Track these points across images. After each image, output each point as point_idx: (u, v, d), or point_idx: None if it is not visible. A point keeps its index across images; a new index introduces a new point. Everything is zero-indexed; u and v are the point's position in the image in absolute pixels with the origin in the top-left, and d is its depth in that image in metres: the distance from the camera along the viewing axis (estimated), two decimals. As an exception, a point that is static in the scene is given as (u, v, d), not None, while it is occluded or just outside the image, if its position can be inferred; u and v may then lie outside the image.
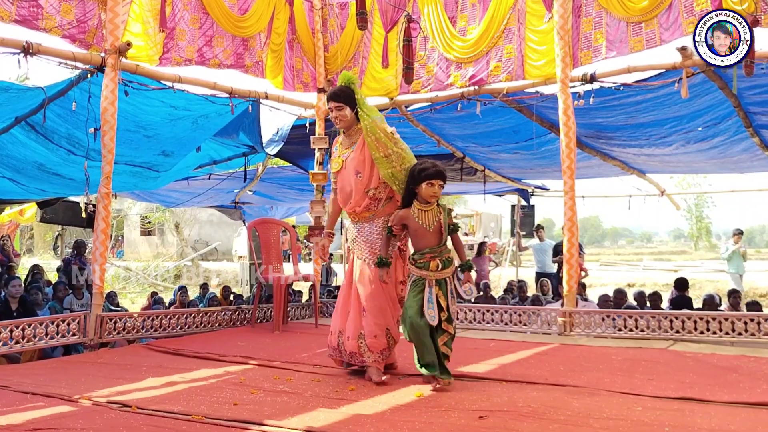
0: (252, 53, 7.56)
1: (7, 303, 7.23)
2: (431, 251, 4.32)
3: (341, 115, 4.63)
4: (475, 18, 7.45)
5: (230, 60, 7.35)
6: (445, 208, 4.43)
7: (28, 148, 7.75)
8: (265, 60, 7.73)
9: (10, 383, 4.29)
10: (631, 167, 10.55)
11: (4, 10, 5.43)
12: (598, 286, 16.03)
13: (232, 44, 7.33)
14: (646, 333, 6.16)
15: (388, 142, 4.50)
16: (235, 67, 7.44)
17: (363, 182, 4.54)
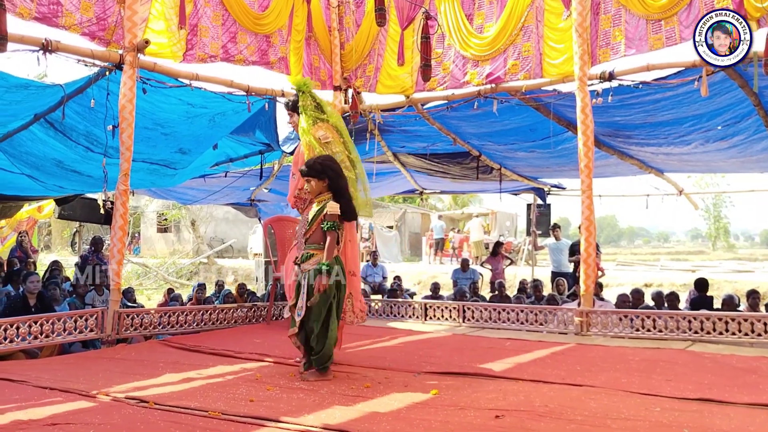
0: (275, 49, 7.58)
1: (25, 299, 7.28)
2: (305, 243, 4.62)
3: (292, 122, 5.22)
4: (493, 16, 7.41)
5: (255, 56, 7.37)
6: (324, 203, 4.58)
7: (46, 145, 7.81)
8: (289, 56, 7.74)
9: (29, 378, 4.34)
10: (649, 166, 10.44)
11: (24, 8, 5.48)
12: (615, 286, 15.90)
13: (255, 41, 7.36)
14: (663, 333, 6.11)
15: (316, 147, 4.89)
16: (259, 63, 7.47)
17: (294, 182, 4.89)
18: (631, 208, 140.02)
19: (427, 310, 7.58)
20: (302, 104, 5.05)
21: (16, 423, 3.25)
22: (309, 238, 4.58)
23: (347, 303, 5.03)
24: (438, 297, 10.49)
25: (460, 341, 6.34)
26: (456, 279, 12.41)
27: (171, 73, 6.64)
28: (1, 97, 6.22)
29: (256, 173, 10.53)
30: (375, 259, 14.73)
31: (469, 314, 7.25)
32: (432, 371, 4.70)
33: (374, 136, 9.01)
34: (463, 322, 7.23)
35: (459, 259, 22.04)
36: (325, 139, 4.96)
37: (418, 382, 4.37)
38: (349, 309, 5.08)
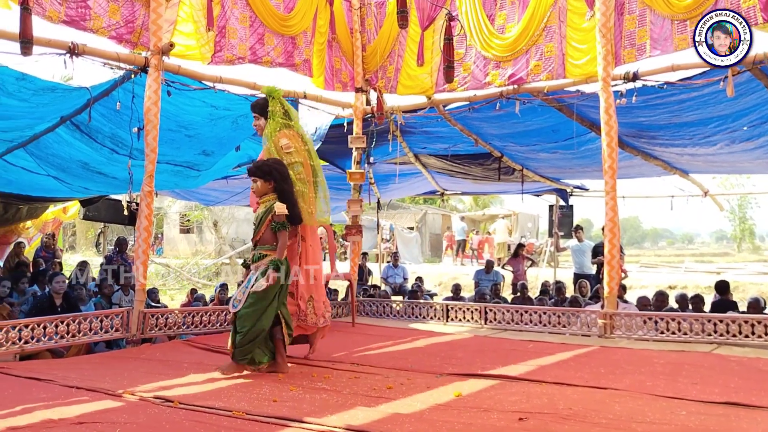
0: (300, 51, 7.62)
1: (51, 299, 7.38)
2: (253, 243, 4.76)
3: (256, 125, 5.28)
4: (514, 16, 7.38)
5: (281, 58, 7.42)
6: (270, 204, 4.70)
7: (72, 147, 7.91)
8: (312, 58, 7.79)
9: (56, 377, 4.40)
10: (674, 167, 10.34)
11: (54, 11, 5.55)
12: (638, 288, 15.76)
13: (282, 42, 7.40)
14: (688, 336, 6.04)
15: (276, 154, 5.02)
16: (285, 65, 7.51)
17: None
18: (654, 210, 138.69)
19: (449, 311, 7.57)
20: (271, 110, 5.20)
21: (45, 421, 3.30)
22: (260, 240, 4.73)
23: (308, 306, 5.17)
24: (459, 298, 10.47)
25: (482, 343, 6.32)
26: (478, 280, 12.39)
27: (195, 76, 6.70)
28: (29, 99, 6.31)
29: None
30: (396, 260, 14.73)
31: (491, 316, 7.22)
32: (454, 373, 4.70)
33: (396, 137, 9.02)
34: (485, 324, 7.21)
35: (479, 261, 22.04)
36: (287, 149, 5.12)
37: (441, 383, 4.36)
38: (311, 311, 5.19)
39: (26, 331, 5.22)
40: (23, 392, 4.01)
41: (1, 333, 5.05)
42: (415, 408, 3.67)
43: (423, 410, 3.63)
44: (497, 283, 11.83)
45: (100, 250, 19.44)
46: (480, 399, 3.90)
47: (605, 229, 6.65)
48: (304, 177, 5.24)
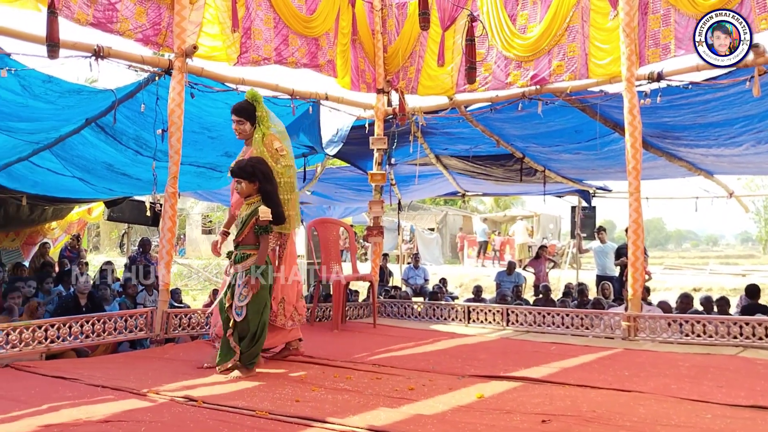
0: (323, 52, 7.65)
1: (76, 298, 7.48)
2: (234, 243, 4.76)
3: (240, 129, 5.20)
4: (536, 16, 7.34)
5: (305, 59, 7.46)
6: (254, 207, 4.71)
7: (97, 149, 8.01)
8: (336, 59, 7.82)
9: (81, 376, 4.45)
10: (699, 168, 10.22)
11: (82, 13, 5.62)
12: (662, 290, 15.61)
13: (305, 43, 7.44)
14: (714, 339, 5.97)
15: (269, 158, 4.97)
16: (309, 66, 7.55)
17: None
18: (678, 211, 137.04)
19: (470, 313, 7.55)
20: (259, 115, 5.19)
21: (72, 420, 3.34)
22: (242, 240, 4.74)
23: (279, 307, 5.17)
24: (480, 300, 10.45)
25: (504, 345, 6.30)
26: (500, 282, 12.35)
27: (218, 78, 6.75)
28: (55, 102, 6.40)
29: (299, 176, 10.62)
30: (417, 262, 14.73)
31: (513, 318, 7.19)
32: (476, 374, 4.68)
33: (417, 138, 9.01)
34: (507, 326, 7.17)
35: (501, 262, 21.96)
36: (281, 151, 5.14)
37: (463, 385, 4.35)
38: (281, 313, 5.19)
39: (52, 330, 5.29)
40: (50, 391, 4.06)
41: (27, 332, 5.12)
42: (437, 409, 3.66)
43: (445, 411, 3.62)
44: (519, 284, 11.79)
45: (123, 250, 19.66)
46: (502, 401, 3.89)
47: (629, 230, 6.59)
48: (294, 182, 5.30)
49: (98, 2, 5.71)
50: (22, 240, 13.19)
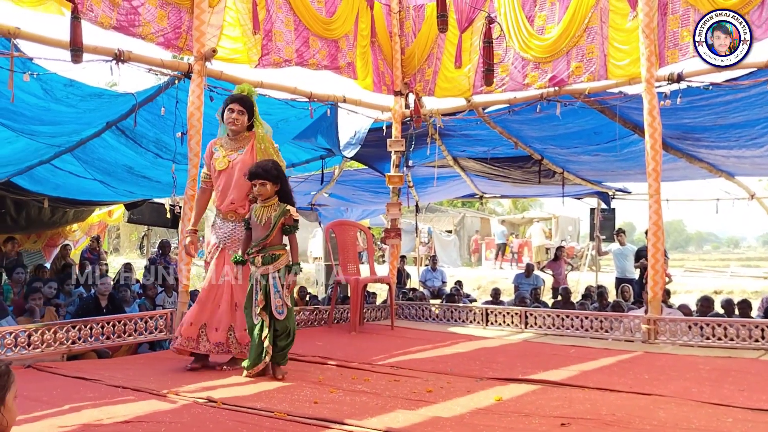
0: (343, 54, 7.68)
1: (97, 300, 7.55)
2: (256, 245, 4.63)
3: (240, 120, 4.92)
4: (554, 17, 7.31)
5: (326, 61, 7.49)
6: (283, 208, 4.66)
7: (118, 152, 8.09)
8: (356, 61, 7.84)
9: (102, 377, 4.49)
10: (720, 169, 10.12)
11: (106, 16, 5.68)
12: (683, 293, 15.46)
13: (326, 45, 7.47)
14: (735, 342, 5.91)
15: (273, 155, 4.93)
16: (330, 68, 7.58)
17: (248, 184, 4.74)
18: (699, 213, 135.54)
19: (488, 315, 7.52)
20: (256, 110, 5.06)
21: (93, 421, 3.37)
22: (271, 241, 4.68)
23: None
24: (499, 302, 10.41)
25: (522, 347, 6.27)
26: (518, 284, 12.30)
27: (237, 81, 6.75)
28: (76, 105, 6.48)
29: (317, 178, 10.67)
30: (434, 264, 14.72)
31: (532, 320, 7.16)
32: (494, 377, 4.67)
33: (435, 140, 9.01)
34: (525, 329, 7.14)
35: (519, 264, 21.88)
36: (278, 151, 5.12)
37: (481, 387, 4.33)
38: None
39: (73, 331, 5.35)
40: (71, 391, 4.10)
41: (49, 333, 5.18)
42: (455, 412, 3.66)
43: (463, 414, 3.61)
44: (537, 287, 11.73)
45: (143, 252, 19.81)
46: (521, 404, 3.87)
47: (649, 232, 6.54)
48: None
49: (121, 6, 5.77)
50: (44, 242, 13.35)
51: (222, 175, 4.93)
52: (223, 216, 4.98)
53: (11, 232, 11.43)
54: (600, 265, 16.41)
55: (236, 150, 4.93)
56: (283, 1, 7.05)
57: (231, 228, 4.95)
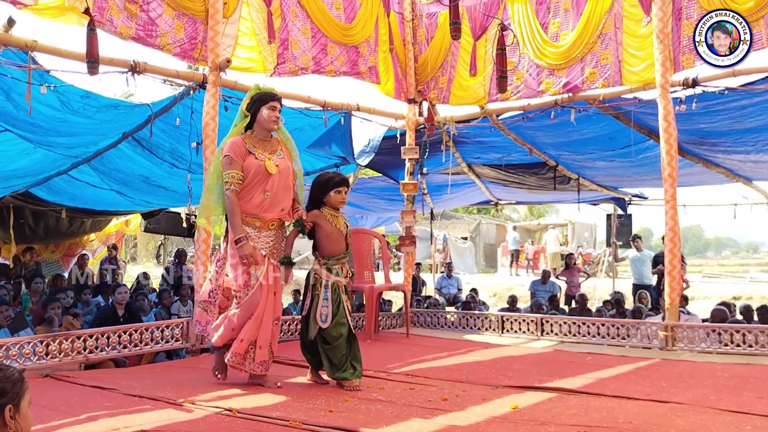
0: (365, 59, 7.70)
1: (114, 309, 7.61)
2: (344, 256, 4.56)
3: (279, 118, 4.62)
4: (568, 23, 7.30)
5: (345, 67, 7.51)
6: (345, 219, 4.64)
7: (134, 162, 8.16)
8: (378, 66, 7.86)
9: (119, 386, 4.51)
10: (737, 174, 10.04)
11: (125, 27, 5.74)
12: (701, 299, 15.32)
13: (345, 51, 7.49)
14: (754, 349, 5.84)
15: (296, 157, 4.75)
16: (350, 74, 7.59)
17: (293, 191, 4.64)
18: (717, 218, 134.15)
19: (504, 322, 7.49)
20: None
21: (110, 429, 3.39)
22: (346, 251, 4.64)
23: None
24: (515, 310, 10.36)
25: (538, 355, 6.24)
26: (534, 291, 12.24)
27: (251, 91, 6.82)
28: (93, 116, 6.55)
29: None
30: (450, 271, 14.69)
31: (548, 328, 7.12)
32: (510, 385, 4.64)
33: (448, 147, 9.02)
34: (542, 336, 7.11)
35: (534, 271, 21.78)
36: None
37: (497, 395, 4.31)
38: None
39: (90, 341, 5.38)
40: (88, 400, 4.13)
41: (66, 342, 5.22)
42: (470, 420, 3.64)
43: (479, 422, 3.59)
44: (554, 293, 11.67)
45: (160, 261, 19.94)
46: (537, 412, 3.85)
47: (665, 238, 6.50)
48: None
49: (139, 17, 5.83)
50: (62, 252, 13.48)
51: (270, 179, 4.48)
52: (265, 224, 4.51)
53: (30, 242, 11.56)
54: (617, 271, 16.29)
55: (274, 153, 4.58)
56: (299, 9, 7.08)
57: (273, 237, 4.55)
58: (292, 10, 7.01)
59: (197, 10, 6.21)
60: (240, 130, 4.57)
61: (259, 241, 4.48)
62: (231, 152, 4.44)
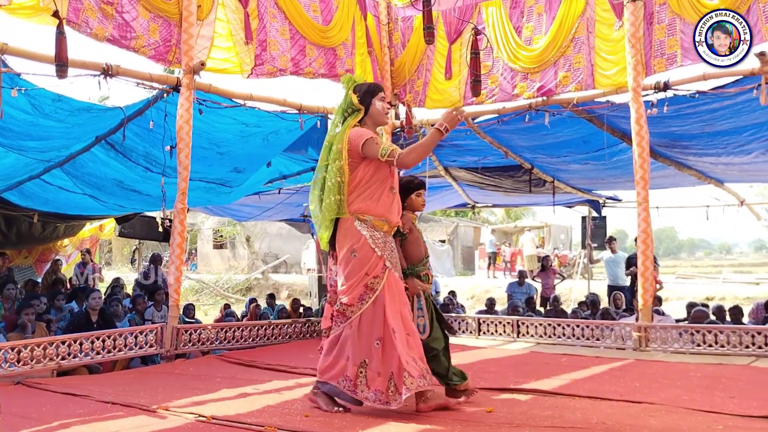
0: (342, 62, 7.69)
1: (87, 315, 7.51)
2: (427, 260, 4.36)
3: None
4: (541, 27, 7.37)
5: (323, 69, 7.49)
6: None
7: (108, 166, 8.06)
8: (355, 69, 7.86)
9: (92, 393, 4.47)
10: (708, 176, 10.19)
11: (101, 28, 5.68)
12: (675, 300, 15.51)
13: (323, 53, 7.48)
14: (726, 349, 5.93)
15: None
16: (328, 76, 7.58)
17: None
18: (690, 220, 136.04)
19: (481, 324, 7.52)
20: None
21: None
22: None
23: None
24: (493, 312, 10.40)
25: (514, 357, 6.27)
26: (511, 293, 12.29)
27: (226, 94, 6.79)
28: (65, 120, 6.46)
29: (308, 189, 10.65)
30: (428, 274, 14.67)
31: (524, 329, 7.16)
32: (486, 387, 4.66)
33: (425, 151, 9.00)
34: (518, 338, 7.15)
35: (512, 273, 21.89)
36: None
37: (473, 398, 4.32)
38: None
39: (63, 347, 5.32)
40: (61, 407, 4.08)
41: (39, 349, 5.15)
42: (447, 423, 3.64)
43: (455, 426, 3.60)
44: (531, 295, 11.73)
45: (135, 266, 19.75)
46: (513, 414, 3.86)
47: (638, 240, 6.57)
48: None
49: (115, 18, 5.78)
50: (35, 257, 13.30)
51: (393, 175, 4.05)
52: (390, 229, 4.02)
53: (1, 247, 11.37)
54: (592, 272, 16.43)
55: None
56: (277, 11, 7.06)
57: (392, 244, 4.02)
58: (270, 11, 6.98)
59: (171, 12, 6.17)
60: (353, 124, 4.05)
61: (386, 248, 3.93)
62: (368, 134, 3.95)
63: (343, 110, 4.12)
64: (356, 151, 3.91)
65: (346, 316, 3.88)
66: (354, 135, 3.94)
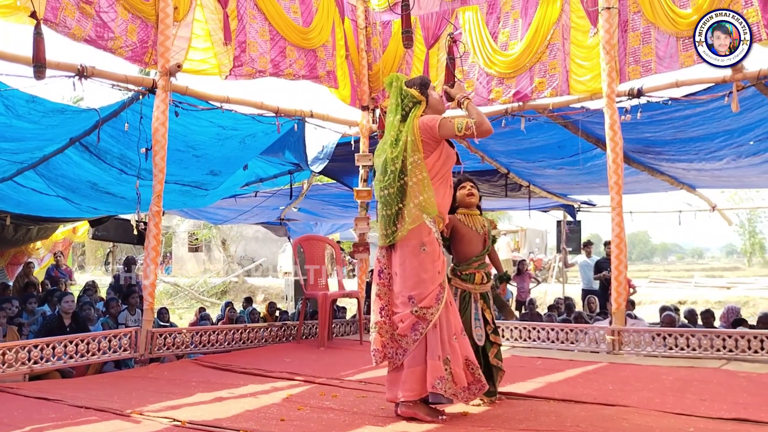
0: (323, 63, 7.67)
1: (60, 319, 7.42)
2: (477, 260, 4.27)
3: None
4: (517, 33, 7.43)
5: (304, 70, 7.46)
6: (486, 216, 4.48)
7: (81, 168, 7.98)
8: (336, 70, 7.85)
9: (64, 397, 4.41)
10: (681, 182, 10.34)
11: (79, 28, 5.62)
12: (648, 304, 15.70)
13: (303, 55, 7.45)
14: (698, 352, 6.01)
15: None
16: (309, 77, 7.55)
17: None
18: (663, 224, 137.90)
19: (457, 328, 7.53)
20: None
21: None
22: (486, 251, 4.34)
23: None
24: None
25: (490, 360, 6.29)
26: (487, 296, 12.34)
27: (203, 96, 6.76)
28: (38, 121, 6.39)
29: (285, 193, 10.65)
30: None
31: (499, 332, 7.18)
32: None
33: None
34: (493, 341, 7.17)
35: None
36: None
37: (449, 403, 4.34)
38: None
39: (35, 351, 5.25)
40: (32, 412, 4.02)
41: (10, 353, 5.08)
42: (424, 427, 3.66)
43: (431, 430, 3.62)
44: (507, 299, 11.80)
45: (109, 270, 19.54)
46: (487, 417, 3.88)
47: (611, 244, 6.65)
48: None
49: (93, 18, 5.72)
50: (7, 260, 13.11)
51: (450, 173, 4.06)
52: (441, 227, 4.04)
53: (-28, 250, 11.21)
54: (567, 276, 16.58)
55: None
56: (257, 12, 7.03)
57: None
58: (249, 12, 6.96)
59: (149, 13, 6.13)
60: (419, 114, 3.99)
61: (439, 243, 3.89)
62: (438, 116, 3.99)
63: (400, 106, 4.04)
64: (432, 135, 3.90)
65: (427, 320, 3.74)
66: (425, 120, 3.93)
